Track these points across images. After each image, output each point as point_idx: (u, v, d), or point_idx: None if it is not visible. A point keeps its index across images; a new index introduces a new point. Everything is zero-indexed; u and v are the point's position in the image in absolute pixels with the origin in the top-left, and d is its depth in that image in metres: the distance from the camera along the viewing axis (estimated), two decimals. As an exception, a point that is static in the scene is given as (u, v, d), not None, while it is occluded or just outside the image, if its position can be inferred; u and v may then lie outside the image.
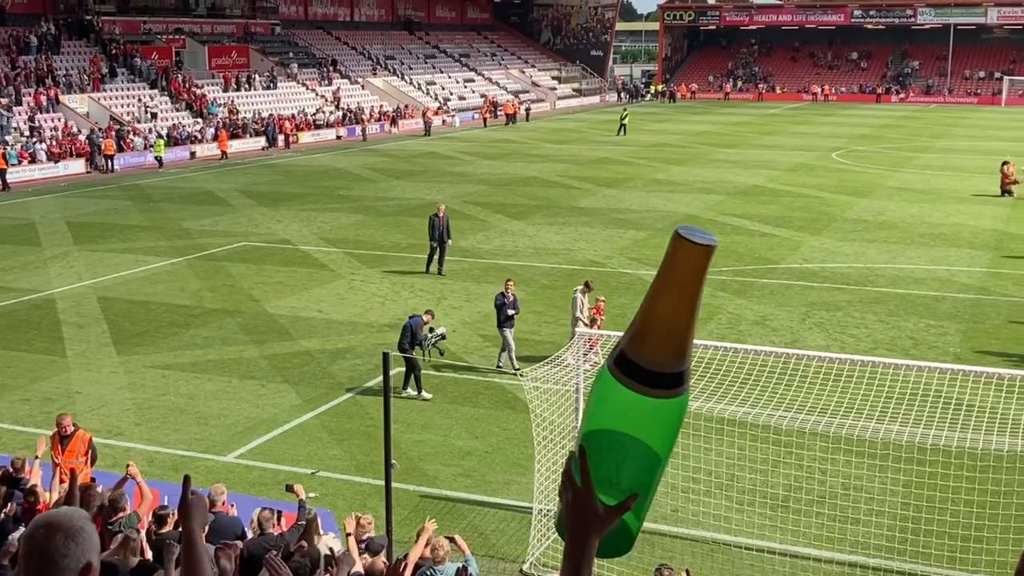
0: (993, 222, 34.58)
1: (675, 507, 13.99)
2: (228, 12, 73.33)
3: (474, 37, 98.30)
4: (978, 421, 16.07)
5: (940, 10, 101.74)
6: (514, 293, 20.42)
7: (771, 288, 25.86)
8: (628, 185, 43.73)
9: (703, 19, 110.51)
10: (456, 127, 72.90)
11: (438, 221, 27.27)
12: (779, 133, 66.40)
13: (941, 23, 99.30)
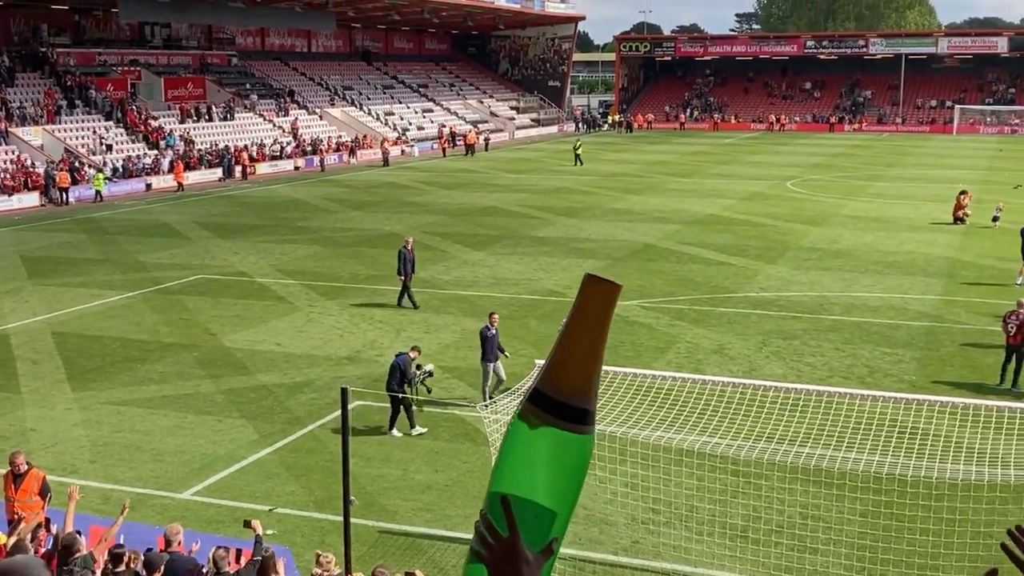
0: (946, 250, 35.08)
1: (635, 539, 14.01)
2: (184, 43, 73.10)
3: (432, 68, 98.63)
4: (933, 449, 16.27)
5: (891, 40, 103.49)
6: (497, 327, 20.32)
7: (728, 317, 26.04)
8: (587, 215, 43.96)
9: (659, 50, 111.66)
10: (415, 157, 72.98)
11: (408, 254, 27.14)
12: (734, 162, 67.06)
13: (893, 53, 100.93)
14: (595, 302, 1.96)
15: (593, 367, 1.96)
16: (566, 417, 1.93)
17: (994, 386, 20.33)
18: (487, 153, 75.79)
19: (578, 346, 1.96)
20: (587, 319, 1.96)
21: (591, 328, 1.96)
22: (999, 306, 24.64)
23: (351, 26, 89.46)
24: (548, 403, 1.92)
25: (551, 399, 1.92)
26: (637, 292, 28.91)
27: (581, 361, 1.96)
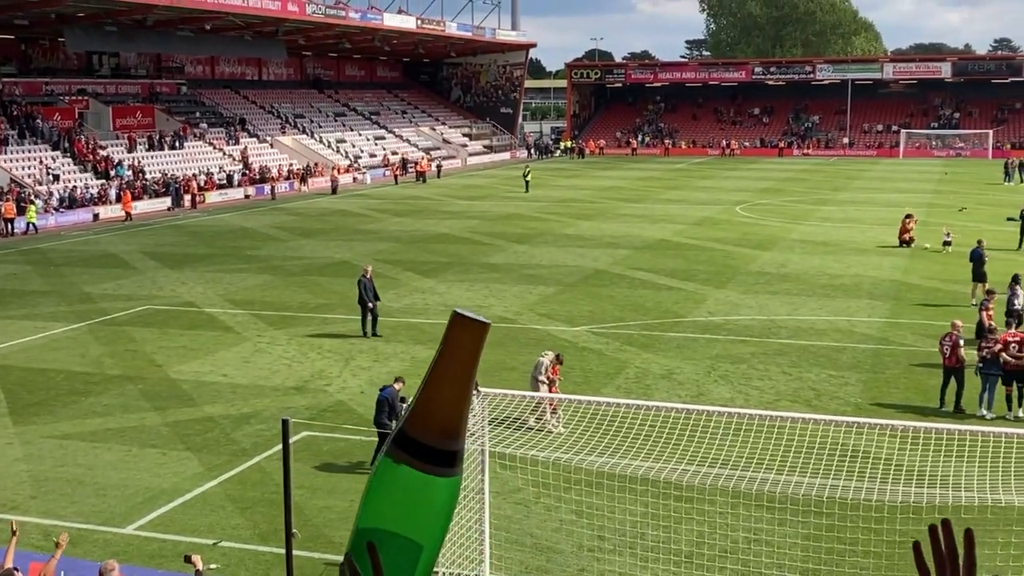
0: (892, 272, 35.52)
1: (581, 567, 13.99)
2: (133, 72, 72.63)
3: (384, 95, 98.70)
4: (877, 471, 16.44)
5: (838, 66, 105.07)
6: None
7: (677, 342, 26.17)
8: (538, 241, 44.07)
9: (609, 77, 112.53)
10: (367, 184, 72.87)
11: (367, 282, 26.95)
12: (685, 187, 67.61)
13: (840, 78, 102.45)
14: (463, 342, 1.95)
15: (461, 408, 1.97)
16: (433, 461, 1.93)
17: (936, 408, 20.57)
18: (439, 180, 75.86)
19: (446, 388, 1.95)
20: (455, 360, 1.95)
21: (459, 369, 1.96)
22: (944, 328, 24.95)
23: (302, 54, 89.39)
24: (415, 447, 1.92)
25: (419, 443, 1.92)
26: (587, 318, 29.00)
27: (449, 403, 1.96)
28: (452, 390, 1.94)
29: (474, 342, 1.95)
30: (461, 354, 1.95)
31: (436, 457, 1.93)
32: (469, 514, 13.60)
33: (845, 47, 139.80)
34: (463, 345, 1.95)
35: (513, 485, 15.91)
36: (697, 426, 17.31)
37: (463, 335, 1.94)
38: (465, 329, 1.94)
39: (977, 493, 14.78)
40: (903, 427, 16.02)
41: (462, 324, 1.94)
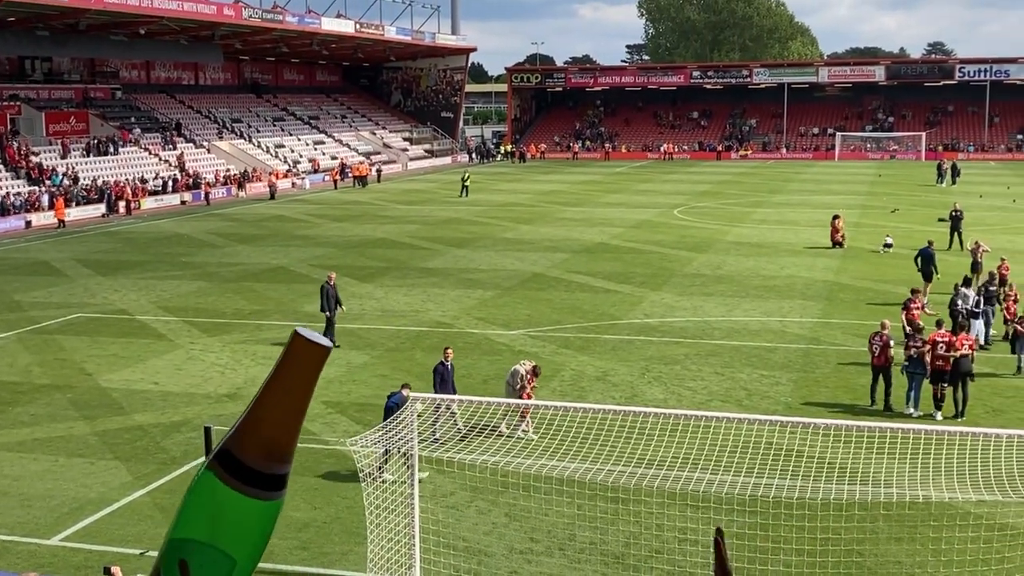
0: (824, 273, 35.99)
1: (513, 569, 13.98)
2: (66, 77, 71.51)
3: (324, 99, 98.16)
4: (807, 469, 16.62)
5: (774, 70, 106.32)
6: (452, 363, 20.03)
7: (612, 344, 26.29)
8: (477, 245, 44.07)
9: (550, 81, 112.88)
10: (306, 189, 72.37)
11: (330, 289, 26.52)
12: (624, 191, 67.99)
13: (776, 82, 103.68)
14: (302, 363, 1.88)
15: (292, 432, 1.89)
16: (256, 484, 1.85)
17: (866, 407, 20.87)
18: (379, 184, 75.60)
19: (277, 409, 1.87)
20: (291, 381, 1.88)
21: (294, 391, 1.87)
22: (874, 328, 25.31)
23: (239, 58, 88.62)
24: (237, 467, 1.84)
25: (240, 464, 1.84)
26: (525, 321, 29.03)
27: (279, 426, 1.87)
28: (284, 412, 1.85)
29: (313, 365, 1.87)
30: (298, 375, 1.86)
31: (259, 480, 1.86)
32: (399, 518, 13.55)
33: (782, 51, 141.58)
34: (301, 366, 1.86)
35: (445, 489, 15.87)
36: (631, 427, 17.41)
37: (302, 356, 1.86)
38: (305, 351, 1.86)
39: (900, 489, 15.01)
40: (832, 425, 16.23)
41: (302, 345, 1.86)
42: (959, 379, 20.29)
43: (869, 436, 16.09)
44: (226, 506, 1.86)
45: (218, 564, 1.87)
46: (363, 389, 22.77)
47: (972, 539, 13.62)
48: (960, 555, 13.32)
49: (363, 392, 22.54)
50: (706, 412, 17.75)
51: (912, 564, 13.70)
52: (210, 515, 1.87)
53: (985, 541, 13.61)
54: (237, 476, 1.85)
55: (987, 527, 14.17)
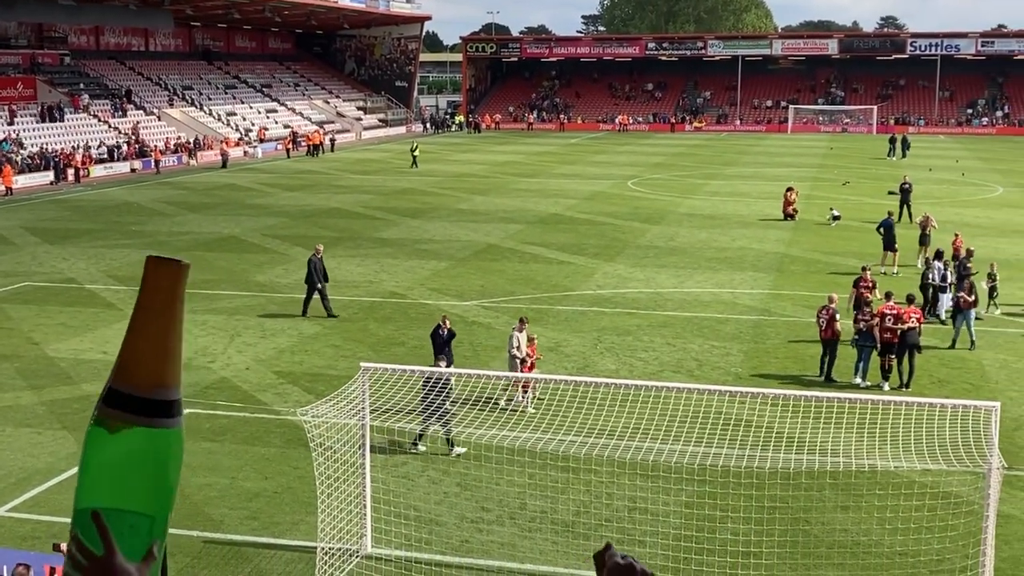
0: (776, 245, 36.27)
1: (464, 539, 14.04)
2: (13, 43, 70.09)
3: (276, 67, 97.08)
4: (755, 439, 16.82)
5: (729, 43, 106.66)
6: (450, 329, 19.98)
7: (566, 315, 26.37)
8: (432, 215, 43.93)
9: (505, 51, 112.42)
10: (258, 158, 71.69)
11: (318, 262, 26.21)
12: (579, 162, 68.01)
13: (730, 55, 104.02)
14: (161, 285, 1.87)
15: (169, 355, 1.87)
16: (148, 412, 1.84)
17: (814, 377, 21.11)
18: (333, 154, 75.03)
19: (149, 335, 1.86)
20: (154, 304, 1.87)
21: (160, 313, 1.87)
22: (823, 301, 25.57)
23: (190, 24, 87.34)
24: (126, 401, 1.83)
25: (129, 396, 1.83)
26: (478, 292, 29.03)
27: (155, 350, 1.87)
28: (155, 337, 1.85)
29: (171, 284, 1.86)
30: (159, 298, 1.86)
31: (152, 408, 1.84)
32: (350, 488, 13.55)
33: (736, 23, 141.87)
34: (160, 288, 1.85)
35: (397, 459, 15.88)
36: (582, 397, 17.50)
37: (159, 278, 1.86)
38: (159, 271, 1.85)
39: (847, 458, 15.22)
40: (781, 396, 16.42)
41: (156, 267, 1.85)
42: (906, 351, 20.57)
43: (817, 406, 16.26)
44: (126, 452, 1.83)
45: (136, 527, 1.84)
46: (315, 359, 22.68)
47: (917, 507, 13.86)
48: (905, 523, 13.55)
49: (315, 362, 22.45)
50: (657, 382, 17.84)
51: (858, 532, 13.93)
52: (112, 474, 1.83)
53: (930, 509, 13.85)
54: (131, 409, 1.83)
55: (932, 495, 14.41)
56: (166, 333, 1.86)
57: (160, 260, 1.87)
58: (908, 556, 12.98)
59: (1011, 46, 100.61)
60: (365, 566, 13.20)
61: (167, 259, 1.87)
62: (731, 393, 16.12)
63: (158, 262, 1.87)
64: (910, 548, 13.16)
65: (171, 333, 1.87)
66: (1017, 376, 21.24)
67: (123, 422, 1.82)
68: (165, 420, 1.85)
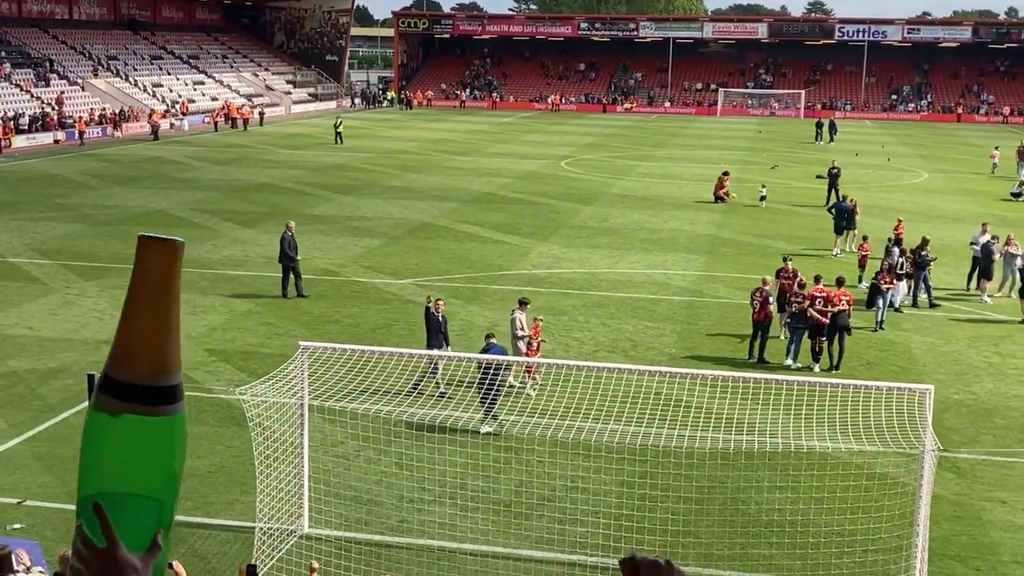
0: (707, 227, 36.60)
1: (402, 518, 14.00)
2: (-71, 6, 68.02)
3: (203, 38, 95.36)
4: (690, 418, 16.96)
5: (660, 24, 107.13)
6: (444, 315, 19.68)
7: (501, 294, 26.34)
8: (364, 192, 43.57)
9: (437, 27, 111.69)
10: (185, 131, 70.46)
11: (290, 239, 25.65)
12: (512, 141, 67.93)
13: (661, 36, 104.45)
14: (155, 266, 1.79)
15: (167, 338, 1.79)
16: (151, 401, 1.76)
17: (747, 359, 21.37)
18: (261, 128, 74.03)
19: (145, 319, 1.78)
20: (148, 287, 1.79)
21: (156, 296, 1.79)
22: (755, 281, 25.87)
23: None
24: (124, 389, 1.75)
25: (126, 384, 1.75)
26: (413, 271, 28.88)
27: (153, 336, 1.79)
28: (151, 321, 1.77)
29: (165, 265, 1.78)
30: (153, 280, 1.78)
31: (154, 395, 1.77)
32: (288, 468, 13.41)
33: (668, 6, 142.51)
34: (153, 270, 1.77)
35: (334, 438, 15.76)
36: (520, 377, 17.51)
37: (151, 259, 1.77)
38: (152, 252, 1.77)
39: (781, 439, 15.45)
40: (716, 376, 16.61)
41: (147, 247, 1.77)
42: (836, 333, 20.90)
43: (750, 387, 16.48)
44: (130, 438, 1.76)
45: (144, 512, 1.77)
46: (248, 337, 22.40)
47: (850, 488, 14.11)
48: (839, 503, 13.79)
49: (248, 340, 22.18)
50: (593, 362, 17.95)
51: (793, 512, 14.14)
52: (116, 459, 1.76)
53: (865, 490, 14.12)
54: (124, 398, 1.75)
55: (865, 476, 14.70)
56: (164, 317, 1.78)
57: (152, 240, 1.79)
58: (842, 535, 13.22)
59: (936, 34, 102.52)
60: (303, 546, 13.10)
61: (160, 238, 1.79)
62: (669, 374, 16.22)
63: (150, 242, 1.79)
64: (844, 528, 13.40)
65: (169, 316, 1.80)
66: (944, 359, 21.72)
67: (123, 409, 1.75)
68: (168, 407, 1.78)
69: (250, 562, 12.16)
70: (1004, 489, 15.28)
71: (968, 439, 17.22)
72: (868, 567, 12.54)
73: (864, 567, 12.55)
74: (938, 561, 12.35)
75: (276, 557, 12.75)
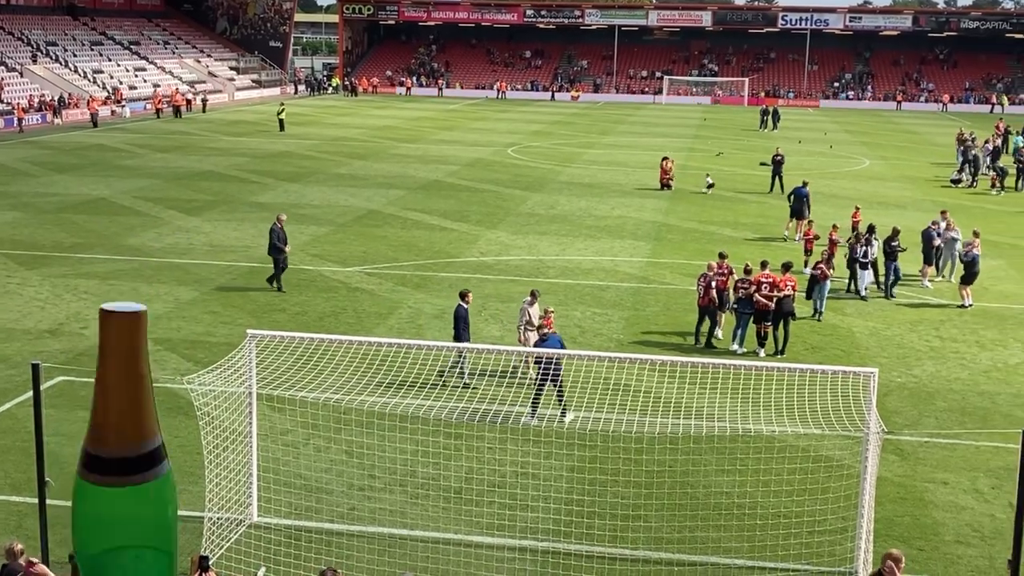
0: (654, 214, 36.82)
1: (352, 506, 13.97)
2: None
3: (145, 24, 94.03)
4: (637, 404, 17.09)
5: (605, 12, 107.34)
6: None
7: (450, 281, 26.32)
8: (310, 180, 43.27)
9: (382, 13, 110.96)
10: (127, 118, 69.46)
11: (280, 231, 25.19)
12: (458, 128, 67.79)
13: (607, 24, 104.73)
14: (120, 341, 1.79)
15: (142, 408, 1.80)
16: (134, 471, 1.76)
17: (694, 344, 21.55)
18: (204, 115, 73.19)
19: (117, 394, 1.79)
20: (116, 360, 1.79)
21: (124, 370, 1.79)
22: (701, 267, 26.08)
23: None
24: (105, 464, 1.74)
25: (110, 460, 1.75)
26: (360, 258, 28.77)
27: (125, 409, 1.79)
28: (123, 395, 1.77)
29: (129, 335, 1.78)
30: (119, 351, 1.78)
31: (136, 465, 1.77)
32: (236, 457, 13.32)
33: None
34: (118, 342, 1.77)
35: (283, 427, 15.68)
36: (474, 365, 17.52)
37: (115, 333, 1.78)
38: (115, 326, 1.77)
39: (727, 423, 15.63)
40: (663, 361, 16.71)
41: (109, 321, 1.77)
42: (781, 318, 21.14)
43: (696, 372, 16.63)
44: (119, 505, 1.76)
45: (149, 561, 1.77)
46: (193, 326, 22.18)
47: (796, 470, 14.31)
48: (785, 486, 13.98)
49: (193, 329, 21.96)
50: (540, 349, 17.98)
51: (739, 495, 14.31)
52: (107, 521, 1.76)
53: (810, 472, 14.32)
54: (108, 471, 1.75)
55: (811, 459, 14.90)
56: (134, 389, 1.78)
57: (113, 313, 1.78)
58: (788, 518, 13.40)
59: (877, 22, 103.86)
60: (252, 535, 13.02)
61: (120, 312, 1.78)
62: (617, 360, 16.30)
63: (111, 315, 1.78)
64: (790, 510, 13.58)
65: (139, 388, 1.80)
66: (886, 343, 22.06)
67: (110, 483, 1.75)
68: (151, 472, 1.78)
69: (201, 553, 12.08)
70: (946, 470, 15.58)
71: (911, 421, 17.52)
72: (814, 548, 12.73)
73: (810, 548, 12.74)
74: (882, 542, 12.56)
75: (225, 547, 12.67)
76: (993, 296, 26.14)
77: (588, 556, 12.70)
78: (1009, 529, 10.79)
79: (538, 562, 12.62)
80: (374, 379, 17.99)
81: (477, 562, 12.46)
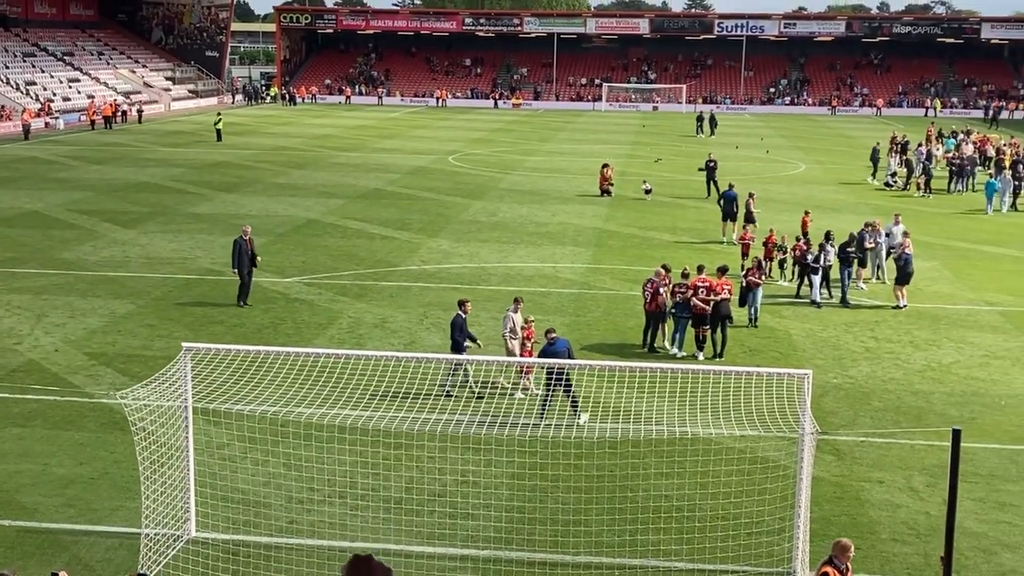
0: (594, 220, 36.98)
1: (291, 519, 13.84)
2: None
3: (79, 35, 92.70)
4: (580, 408, 17.14)
5: (544, 20, 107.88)
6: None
7: (391, 291, 26.22)
8: (248, 190, 42.90)
9: (320, 22, 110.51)
10: (61, 130, 68.38)
11: (246, 245, 24.72)
12: (399, 136, 67.62)
13: (546, 32, 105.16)
14: None
15: None
16: None
17: (634, 349, 21.66)
18: (140, 125, 72.29)
19: None
20: None
21: None
22: (641, 272, 26.24)
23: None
24: None
25: None
26: (299, 268, 28.57)
27: None
28: None
29: None
30: None
31: None
32: (173, 472, 13.15)
33: (552, 2, 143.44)
34: None
35: (220, 441, 15.50)
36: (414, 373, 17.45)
37: None
38: None
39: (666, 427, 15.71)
40: (601, 366, 16.79)
41: None
42: (719, 322, 21.32)
43: (636, 376, 16.72)
44: None
45: None
46: (129, 340, 21.87)
47: (734, 472, 14.43)
48: (723, 487, 14.09)
49: (129, 343, 21.65)
50: (484, 356, 17.99)
51: (679, 497, 14.39)
52: None
53: (748, 473, 14.45)
54: None
55: (748, 460, 15.04)
56: None
57: None
58: (727, 519, 13.51)
59: (811, 28, 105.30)
60: (190, 551, 12.86)
61: None
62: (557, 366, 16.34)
63: None
64: (729, 511, 13.70)
65: None
66: (823, 344, 22.34)
67: None
68: None
69: (139, 570, 11.91)
70: (881, 469, 15.80)
71: (847, 421, 17.75)
72: (752, 549, 12.84)
73: (748, 549, 12.85)
74: (819, 541, 12.70)
75: (163, 563, 12.50)
76: (927, 297, 26.59)
77: (530, 563, 12.70)
78: (944, 526, 10.97)
79: (479, 571, 12.60)
80: (312, 390, 17.87)
81: (419, 572, 12.40)
